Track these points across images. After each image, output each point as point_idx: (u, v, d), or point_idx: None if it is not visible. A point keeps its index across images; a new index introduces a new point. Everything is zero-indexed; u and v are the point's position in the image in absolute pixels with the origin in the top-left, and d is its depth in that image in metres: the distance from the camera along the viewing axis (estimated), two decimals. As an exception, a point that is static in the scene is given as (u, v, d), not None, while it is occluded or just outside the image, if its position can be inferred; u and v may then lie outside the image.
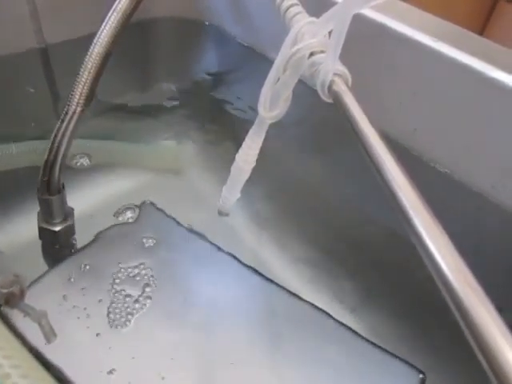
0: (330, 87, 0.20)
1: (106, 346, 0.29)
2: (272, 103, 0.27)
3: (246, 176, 0.32)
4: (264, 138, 0.29)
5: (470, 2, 1.09)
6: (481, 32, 1.11)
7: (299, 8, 0.24)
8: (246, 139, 0.30)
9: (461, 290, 0.13)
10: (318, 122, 0.47)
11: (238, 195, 0.33)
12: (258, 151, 0.30)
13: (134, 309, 0.31)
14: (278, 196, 0.43)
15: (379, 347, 0.31)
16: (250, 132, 0.29)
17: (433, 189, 0.20)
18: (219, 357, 0.30)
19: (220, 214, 0.34)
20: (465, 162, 0.38)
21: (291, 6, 0.24)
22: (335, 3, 0.20)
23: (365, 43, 0.41)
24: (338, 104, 0.20)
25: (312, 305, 0.33)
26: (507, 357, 0.12)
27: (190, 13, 0.56)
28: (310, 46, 0.22)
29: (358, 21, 0.40)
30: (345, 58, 0.22)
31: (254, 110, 0.27)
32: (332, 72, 0.20)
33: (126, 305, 0.31)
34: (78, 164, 0.40)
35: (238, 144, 0.48)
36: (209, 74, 0.56)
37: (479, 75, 0.35)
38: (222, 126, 0.50)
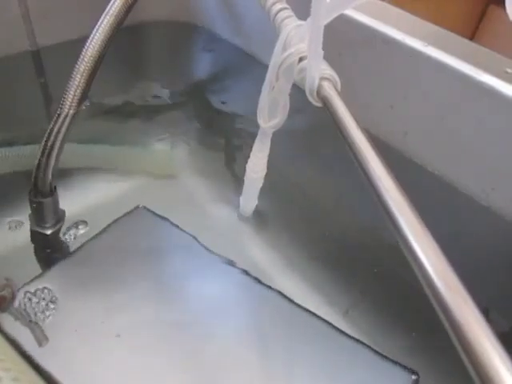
0: (318, 91, 0.20)
1: (96, 350, 0.29)
2: (271, 112, 0.27)
3: (260, 184, 0.32)
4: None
5: (461, 7, 1.10)
6: (471, 36, 1.12)
7: (288, 12, 0.24)
8: (253, 149, 0.30)
9: (445, 292, 0.13)
10: (317, 124, 0.47)
11: (256, 202, 0.34)
12: (266, 159, 0.31)
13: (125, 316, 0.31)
14: (271, 197, 0.43)
15: (372, 349, 0.31)
16: (256, 142, 0.30)
17: (423, 191, 0.20)
18: (207, 360, 0.30)
19: (241, 220, 0.37)
20: (455, 164, 0.39)
21: (280, 10, 0.24)
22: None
23: (356, 47, 0.41)
24: (327, 108, 0.20)
25: (303, 307, 0.33)
26: (491, 358, 0.12)
27: (182, 16, 0.57)
28: (299, 52, 0.22)
29: (350, 25, 0.41)
30: (336, 62, 0.23)
31: (247, 111, 0.27)
32: (318, 77, 0.20)
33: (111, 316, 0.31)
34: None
35: (231, 146, 0.48)
36: (201, 77, 0.56)
37: (469, 79, 0.36)
38: (215, 128, 0.50)
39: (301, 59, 0.23)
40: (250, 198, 0.33)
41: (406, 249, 0.14)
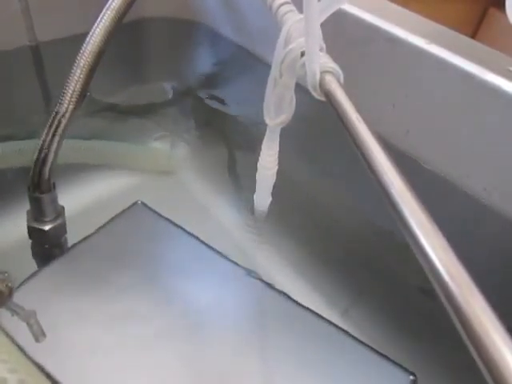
0: (321, 85, 0.20)
1: (93, 347, 0.29)
2: (276, 109, 0.27)
3: (272, 180, 0.32)
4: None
5: (461, 9, 1.10)
6: (471, 38, 1.12)
7: (290, 6, 0.24)
8: (262, 147, 0.30)
9: (455, 289, 0.13)
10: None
11: (270, 198, 0.34)
12: (276, 155, 0.31)
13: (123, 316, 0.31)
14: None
15: (370, 348, 0.31)
16: (265, 139, 0.30)
17: (425, 190, 0.20)
18: (207, 360, 0.29)
19: (256, 217, 0.36)
20: (457, 163, 0.39)
21: (282, 4, 0.24)
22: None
23: (358, 45, 0.41)
24: (330, 101, 0.20)
25: (303, 306, 0.32)
26: (501, 351, 0.12)
27: (183, 13, 0.56)
28: (299, 46, 0.22)
29: (352, 23, 0.40)
30: (338, 59, 0.22)
31: (247, 108, 0.27)
32: (318, 71, 0.20)
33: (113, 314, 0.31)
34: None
35: (230, 144, 0.48)
36: (202, 74, 0.56)
37: (471, 77, 0.36)
38: (215, 126, 0.50)
39: (303, 54, 0.23)
40: (263, 195, 0.33)
41: (412, 241, 0.14)
